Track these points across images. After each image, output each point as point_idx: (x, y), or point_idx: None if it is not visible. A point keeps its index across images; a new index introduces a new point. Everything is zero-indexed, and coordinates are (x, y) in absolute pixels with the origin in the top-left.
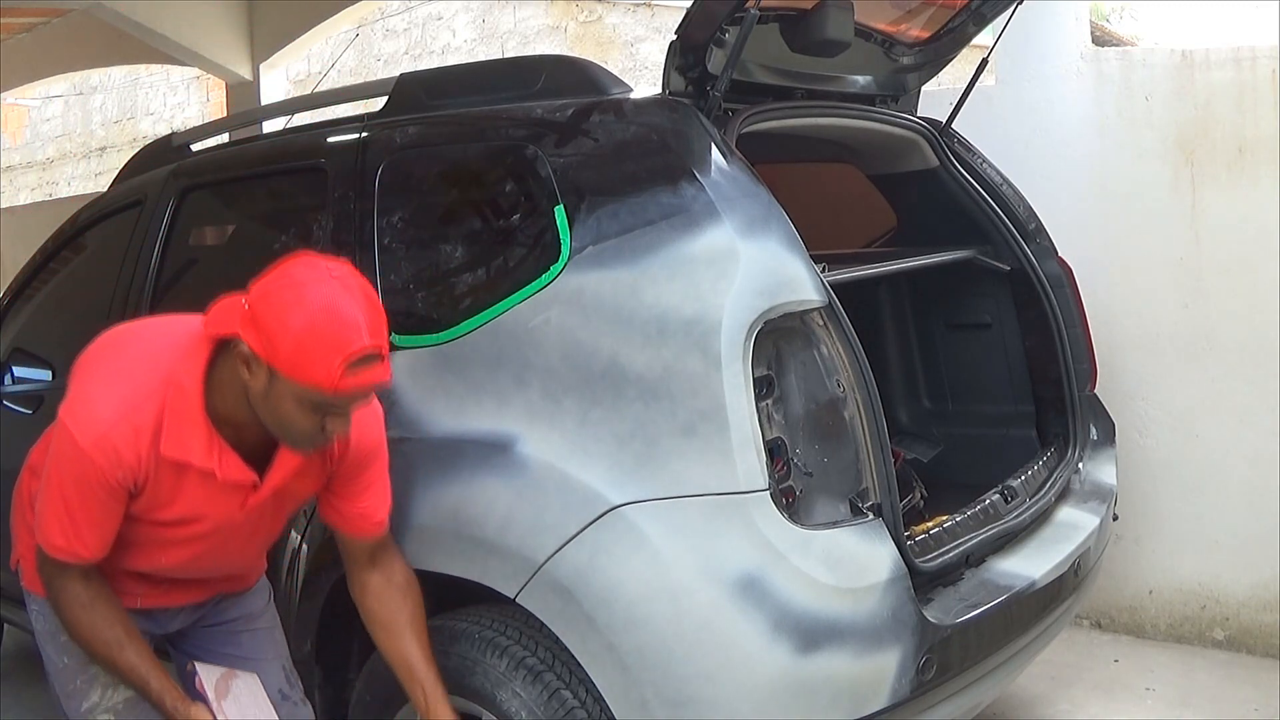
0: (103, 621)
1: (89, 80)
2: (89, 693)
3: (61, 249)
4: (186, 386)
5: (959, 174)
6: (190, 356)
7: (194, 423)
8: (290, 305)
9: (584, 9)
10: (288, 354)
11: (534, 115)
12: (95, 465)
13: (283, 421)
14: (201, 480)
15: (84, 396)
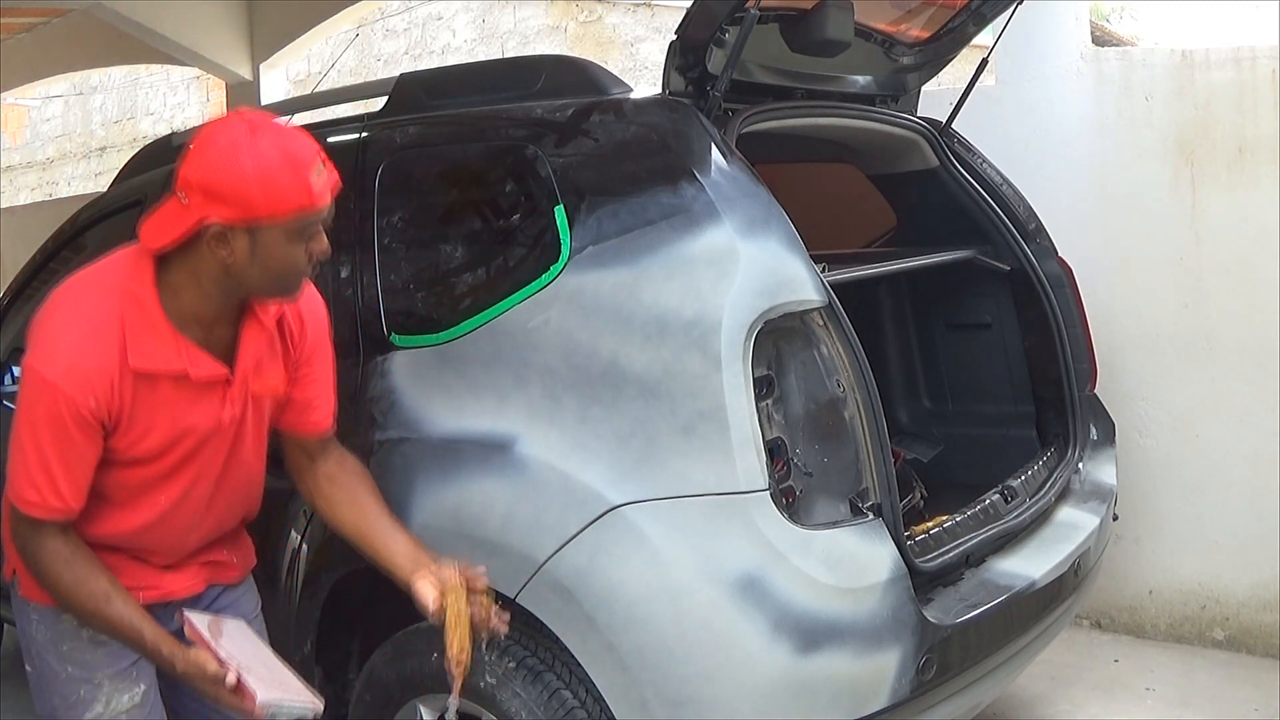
0: (87, 575)
1: (89, 80)
2: (93, 703)
3: (61, 249)
4: (142, 297)
5: (959, 174)
6: (136, 272)
7: (156, 329)
8: (236, 160)
9: (584, 9)
10: (261, 198)
11: (534, 115)
12: (66, 397)
13: (278, 270)
14: (175, 390)
15: (45, 339)
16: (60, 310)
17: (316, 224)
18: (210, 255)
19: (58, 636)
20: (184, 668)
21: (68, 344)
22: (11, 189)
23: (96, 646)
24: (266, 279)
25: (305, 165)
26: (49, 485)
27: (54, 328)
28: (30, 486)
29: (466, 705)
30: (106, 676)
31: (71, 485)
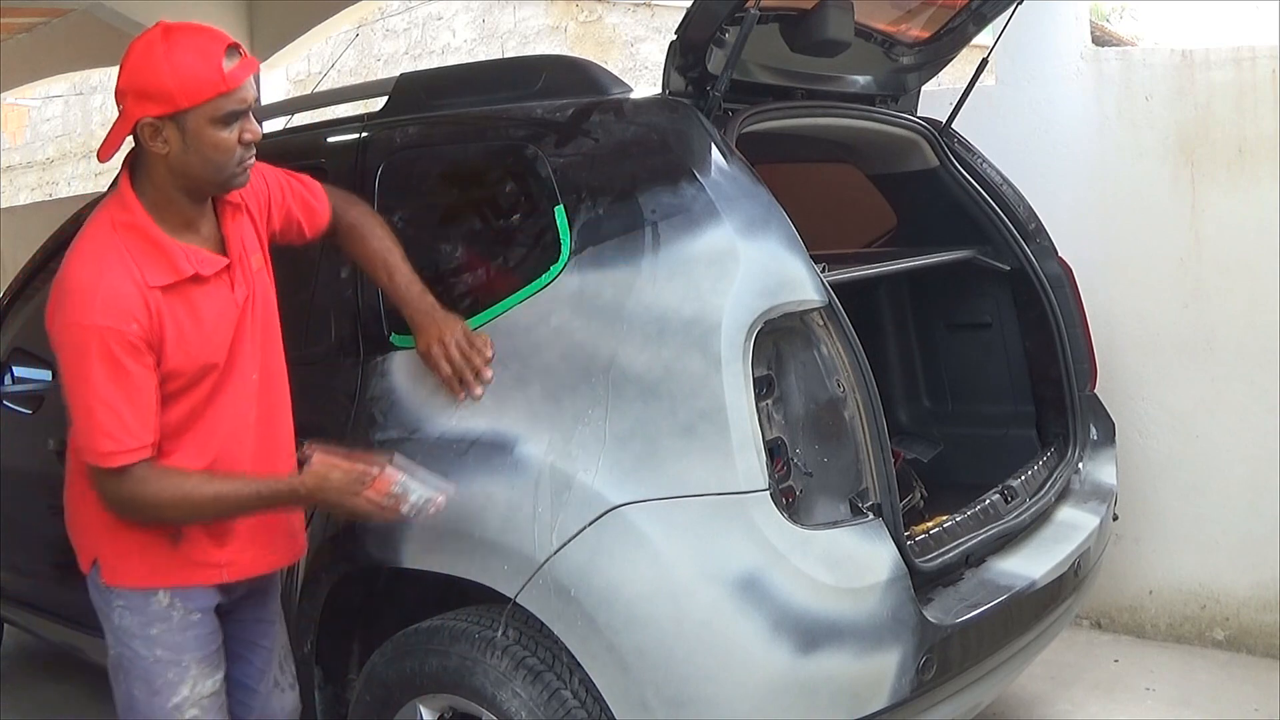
0: (183, 478)
1: (89, 80)
2: (179, 687)
3: (62, 249)
4: (133, 221)
5: (959, 174)
6: (119, 203)
7: (158, 244)
8: (152, 58)
9: (584, 9)
10: (176, 85)
11: (534, 115)
12: (112, 331)
13: (212, 156)
14: (193, 295)
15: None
16: (70, 269)
17: (241, 109)
18: (153, 155)
19: (147, 620)
20: (322, 480)
21: (91, 286)
22: (11, 189)
23: (186, 629)
24: (205, 167)
25: (215, 53)
26: (121, 428)
27: (71, 283)
28: (104, 437)
29: (467, 705)
30: (194, 660)
31: (141, 420)
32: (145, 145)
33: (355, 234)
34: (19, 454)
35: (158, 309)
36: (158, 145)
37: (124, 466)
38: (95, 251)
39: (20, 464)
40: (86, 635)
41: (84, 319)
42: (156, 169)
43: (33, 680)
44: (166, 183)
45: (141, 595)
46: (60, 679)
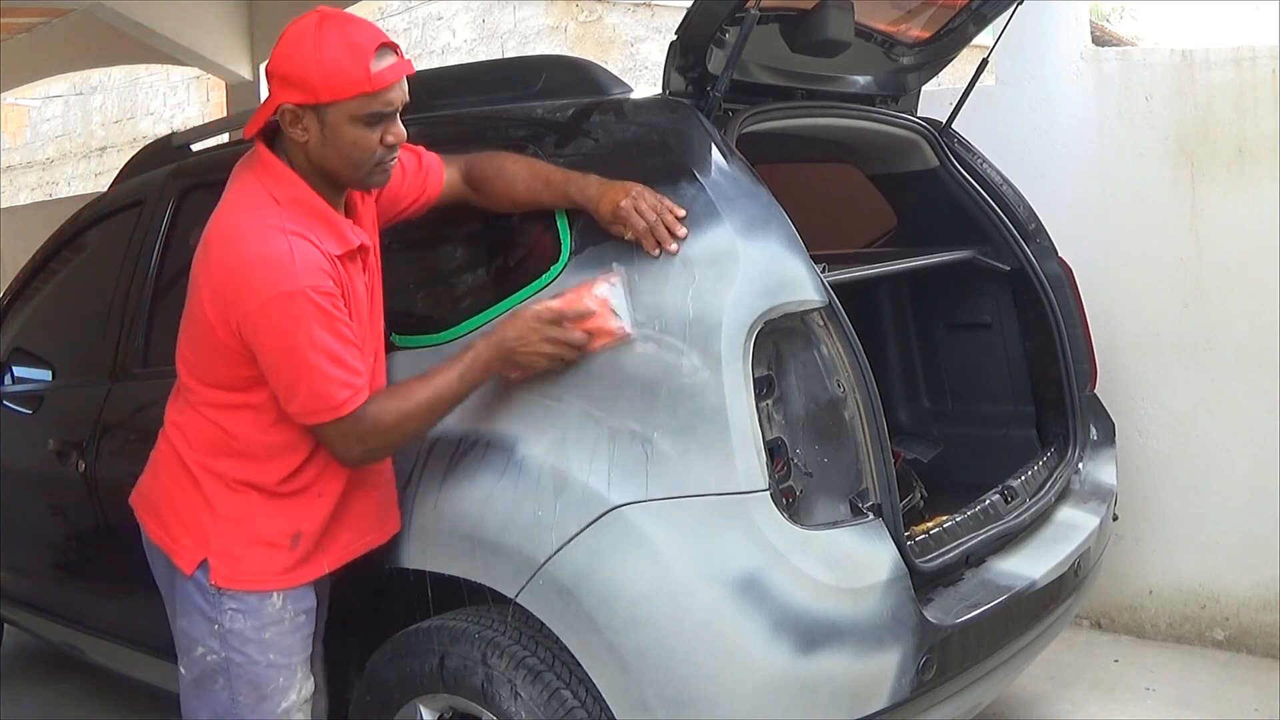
0: (398, 393)
1: (89, 80)
2: (289, 691)
3: (61, 249)
4: (296, 195)
5: (959, 174)
6: (274, 178)
7: (323, 214)
8: (301, 43)
9: (584, 9)
10: (320, 78)
11: (534, 115)
12: (318, 289)
13: (349, 153)
14: (352, 271)
15: (256, 268)
16: (249, 244)
17: (386, 110)
18: (293, 140)
19: (262, 624)
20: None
21: (284, 254)
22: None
23: (296, 631)
24: (343, 162)
25: (365, 51)
26: (350, 372)
27: (259, 257)
28: (340, 387)
29: (467, 705)
30: (300, 662)
31: (357, 359)
32: (285, 130)
33: (488, 178)
34: (19, 454)
35: (339, 277)
36: (297, 133)
37: (360, 408)
38: (271, 224)
39: (20, 464)
40: (86, 635)
41: (290, 285)
42: (296, 154)
43: (33, 680)
44: (307, 168)
45: (258, 597)
46: (60, 679)
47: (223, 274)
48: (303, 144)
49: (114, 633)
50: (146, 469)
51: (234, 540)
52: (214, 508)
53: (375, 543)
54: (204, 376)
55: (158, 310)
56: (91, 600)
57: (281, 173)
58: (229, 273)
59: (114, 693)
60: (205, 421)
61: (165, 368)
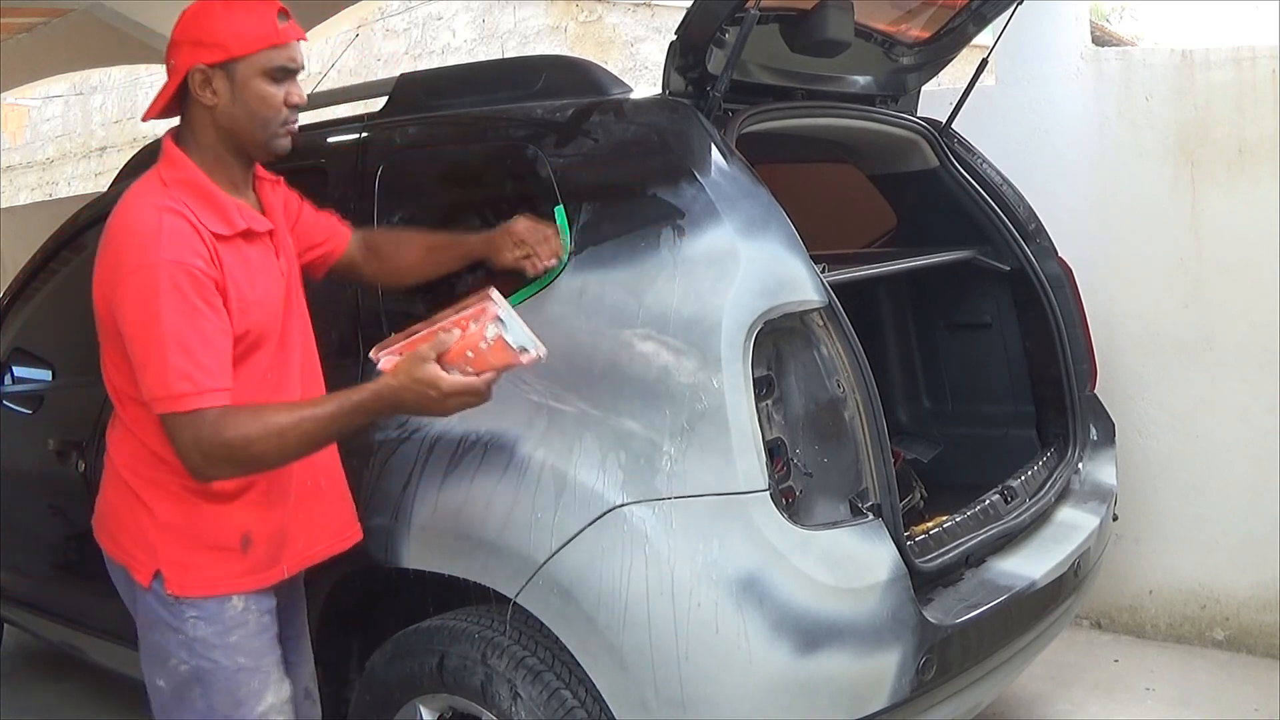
0: (262, 411)
1: (89, 80)
2: (264, 694)
3: (61, 249)
4: (186, 176)
5: (959, 174)
6: (169, 161)
7: (211, 197)
8: (209, 7)
9: (584, 9)
10: (230, 33)
11: (534, 115)
12: (180, 265)
13: (259, 111)
14: (247, 253)
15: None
16: (124, 219)
17: (291, 67)
18: (201, 109)
19: (225, 628)
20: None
21: (152, 228)
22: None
23: (262, 632)
24: (251, 121)
25: (269, 11)
26: (196, 367)
27: (129, 230)
28: (180, 378)
29: (467, 705)
30: (273, 663)
31: (216, 361)
32: (195, 95)
33: (384, 241)
34: (19, 454)
35: (218, 257)
36: (206, 95)
37: (200, 410)
38: (149, 202)
39: (20, 464)
40: (86, 635)
41: (149, 258)
42: (204, 125)
43: (33, 680)
44: (213, 139)
45: (217, 602)
46: (60, 679)
47: (100, 253)
48: (210, 108)
49: (114, 633)
50: (100, 496)
51: (182, 547)
52: (157, 517)
53: (336, 550)
54: (119, 388)
55: None
56: (91, 600)
57: (175, 157)
58: (103, 250)
59: (114, 693)
60: (130, 435)
61: None
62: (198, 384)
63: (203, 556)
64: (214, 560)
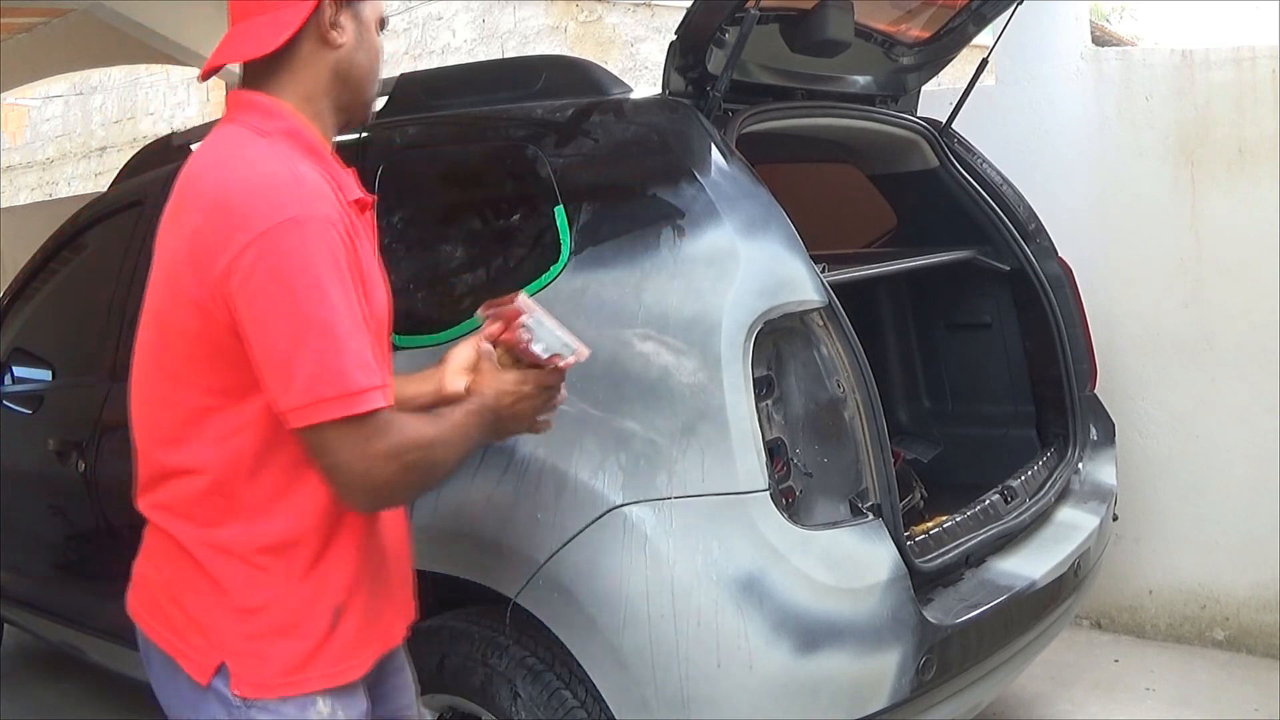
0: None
1: (89, 80)
2: None
3: (61, 249)
4: (288, 125)
5: (959, 174)
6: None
7: (320, 153)
8: None
9: (584, 9)
10: None
11: (534, 115)
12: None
13: (374, 64)
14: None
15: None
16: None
17: (384, 22)
18: (321, 51)
19: None
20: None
21: (287, 176)
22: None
23: None
24: (371, 74)
25: None
26: (368, 355)
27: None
28: (359, 368)
29: (467, 705)
30: None
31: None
32: (323, 32)
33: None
34: (19, 454)
35: (349, 225)
36: (336, 34)
37: (378, 411)
38: (262, 151)
39: (20, 464)
40: (86, 635)
41: (297, 210)
42: (318, 71)
43: (33, 680)
44: (324, 89)
45: (297, 706)
46: (60, 679)
47: (203, 215)
48: (336, 49)
49: (114, 633)
50: (139, 563)
51: (258, 633)
52: (230, 595)
53: (409, 620)
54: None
55: None
56: (91, 600)
57: (271, 106)
58: (213, 208)
59: (114, 693)
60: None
61: None
62: (373, 378)
63: (282, 645)
64: (296, 648)
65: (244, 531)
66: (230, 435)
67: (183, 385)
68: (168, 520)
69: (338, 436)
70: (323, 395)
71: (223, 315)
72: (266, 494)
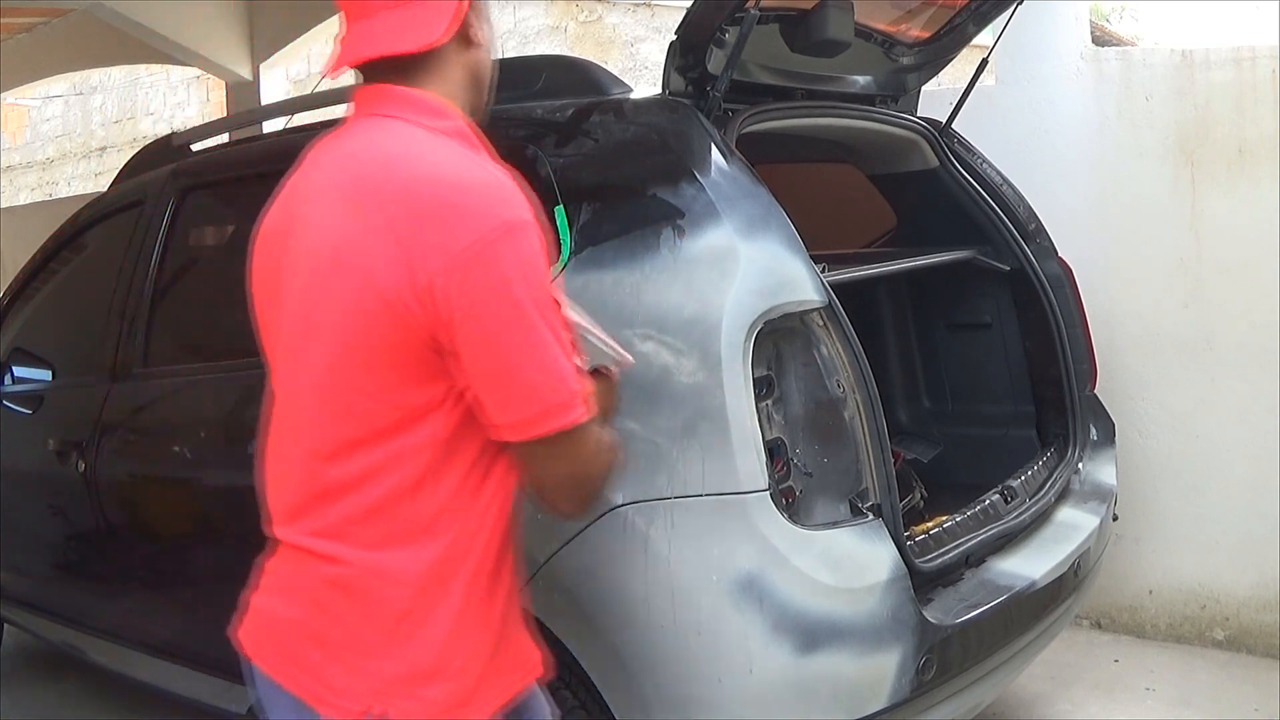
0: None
1: (89, 80)
2: None
3: (61, 249)
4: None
5: (959, 174)
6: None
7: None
8: None
9: (584, 9)
10: None
11: (534, 115)
12: (539, 232)
13: (491, 65)
14: None
15: (468, 193)
16: (445, 169)
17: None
18: (463, 50)
19: None
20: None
21: (497, 180)
22: (11, 189)
23: None
24: (491, 79)
25: None
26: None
27: (467, 183)
28: (574, 375)
29: None
30: None
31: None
32: (468, 30)
33: None
34: (19, 454)
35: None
36: (478, 33)
37: (592, 418)
38: (458, 152)
39: (20, 464)
40: (86, 635)
41: (514, 214)
42: (458, 72)
43: (33, 680)
44: (460, 91)
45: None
46: (60, 679)
47: (406, 214)
48: (476, 49)
49: (114, 633)
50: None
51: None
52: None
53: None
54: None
55: (158, 310)
56: (91, 600)
57: (439, 105)
58: (422, 207)
59: (114, 693)
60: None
61: (165, 368)
62: (581, 384)
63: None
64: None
65: (410, 555)
66: (407, 450)
67: (364, 395)
68: (325, 544)
69: (567, 444)
70: (551, 404)
71: (426, 321)
72: (434, 514)
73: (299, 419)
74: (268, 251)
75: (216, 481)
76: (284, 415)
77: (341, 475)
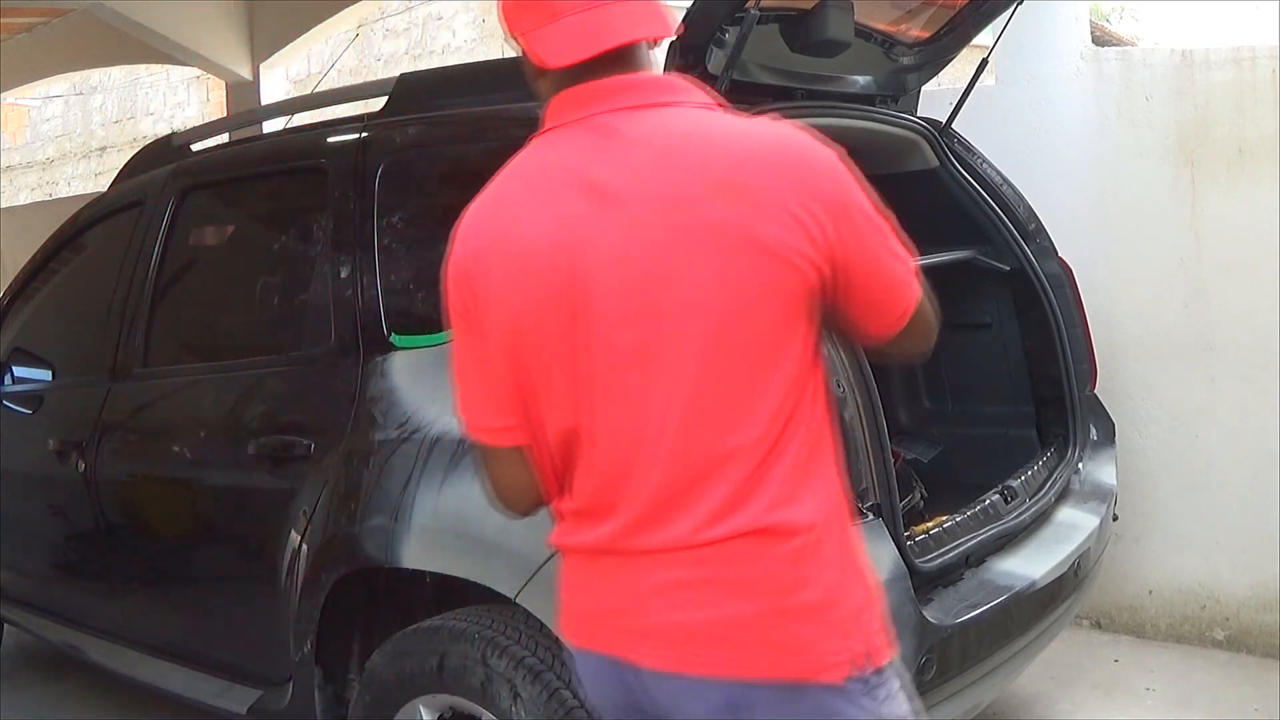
0: None
1: (89, 80)
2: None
3: (61, 249)
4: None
5: (959, 174)
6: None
7: None
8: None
9: None
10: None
11: (534, 115)
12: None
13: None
14: None
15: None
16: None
17: None
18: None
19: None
20: None
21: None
22: (11, 189)
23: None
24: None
25: None
26: None
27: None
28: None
29: (467, 705)
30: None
31: None
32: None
33: None
34: (19, 454)
35: None
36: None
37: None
38: (748, 119)
39: (20, 464)
40: (86, 635)
41: (830, 148)
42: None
43: (33, 680)
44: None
45: (895, 666)
46: (60, 679)
47: (770, 178)
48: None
49: (114, 633)
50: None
51: (864, 601)
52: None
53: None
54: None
55: (158, 310)
56: (91, 600)
57: (699, 88)
58: (784, 168)
59: (114, 693)
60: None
61: (165, 368)
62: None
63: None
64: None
65: (818, 489)
66: (791, 390)
67: (764, 365)
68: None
69: (920, 314)
70: (913, 291)
71: (828, 265)
72: (818, 446)
73: (665, 417)
74: (536, 275)
75: (216, 481)
76: (631, 423)
77: (731, 443)
